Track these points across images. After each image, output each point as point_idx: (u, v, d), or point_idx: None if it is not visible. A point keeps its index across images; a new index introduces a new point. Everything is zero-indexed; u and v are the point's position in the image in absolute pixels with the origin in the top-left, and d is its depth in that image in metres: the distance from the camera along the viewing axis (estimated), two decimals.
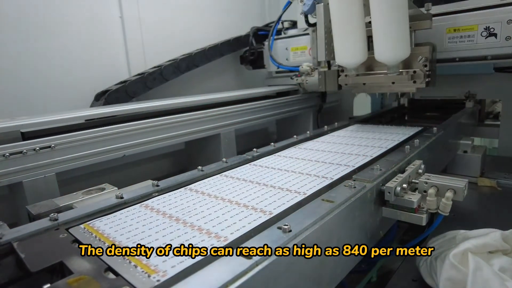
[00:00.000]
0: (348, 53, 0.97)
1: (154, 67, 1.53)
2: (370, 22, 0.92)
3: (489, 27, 1.07)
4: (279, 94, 1.60)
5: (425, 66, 0.93)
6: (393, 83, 0.98)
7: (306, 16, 1.29)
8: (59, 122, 0.92)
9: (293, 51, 1.69)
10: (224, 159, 0.77)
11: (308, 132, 1.03)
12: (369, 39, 0.97)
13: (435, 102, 1.70)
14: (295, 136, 0.98)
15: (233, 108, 1.35)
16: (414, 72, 0.95)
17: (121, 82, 1.42)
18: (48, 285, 0.35)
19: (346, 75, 1.07)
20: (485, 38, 1.08)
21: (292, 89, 1.63)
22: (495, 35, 1.06)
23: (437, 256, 0.62)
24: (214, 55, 1.73)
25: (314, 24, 1.21)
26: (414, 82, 0.94)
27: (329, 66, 1.18)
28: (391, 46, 0.89)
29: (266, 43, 1.78)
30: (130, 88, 1.38)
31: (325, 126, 1.11)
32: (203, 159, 1.39)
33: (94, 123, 0.99)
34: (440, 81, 1.48)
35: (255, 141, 1.92)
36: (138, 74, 1.47)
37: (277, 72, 1.78)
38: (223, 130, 1.32)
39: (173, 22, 1.71)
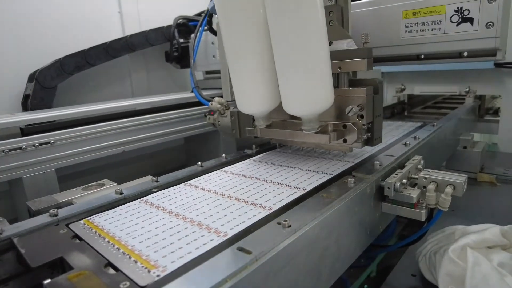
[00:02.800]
0: (248, 99, 0.64)
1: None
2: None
3: (461, 8, 0.75)
4: None
5: (361, 117, 0.61)
6: (311, 140, 0.68)
7: (210, 18, 1.02)
8: (59, 118, 0.92)
9: None
10: (223, 155, 0.77)
11: None
12: None
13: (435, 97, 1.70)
14: None
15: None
16: (344, 126, 0.63)
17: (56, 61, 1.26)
18: (49, 280, 0.35)
19: (254, 125, 0.72)
20: (457, 25, 0.75)
21: None
22: (470, 20, 0.74)
23: (436, 251, 0.63)
24: (119, 51, 1.42)
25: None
26: (345, 140, 0.63)
27: None
28: (298, 97, 0.57)
29: (193, 36, 1.27)
30: (64, 63, 1.25)
31: None
32: (202, 154, 1.39)
33: (93, 119, 0.98)
34: (439, 77, 1.49)
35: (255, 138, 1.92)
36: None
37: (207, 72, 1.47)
38: None
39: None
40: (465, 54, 0.79)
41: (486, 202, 0.98)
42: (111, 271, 0.37)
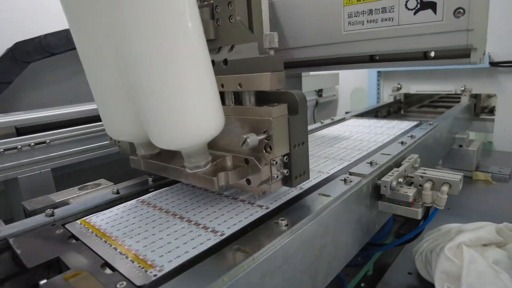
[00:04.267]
0: (112, 123, 0.50)
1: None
2: None
3: None
4: None
5: (268, 149, 0.44)
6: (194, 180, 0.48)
7: None
8: (54, 118, 0.92)
9: None
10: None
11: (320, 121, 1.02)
12: None
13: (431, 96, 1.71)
14: None
15: None
16: (247, 161, 0.45)
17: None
18: (45, 280, 0.35)
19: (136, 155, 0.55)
20: (414, 14, 0.53)
21: None
22: (432, 6, 0.52)
23: (432, 250, 0.63)
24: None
25: None
26: (248, 181, 0.46)
27: None
28: (165, 124, 0.40)
29: None
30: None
31: (321, 121, 1.11)
32: None
33: (89, 119, 0.98)
34: (434, 76, 1.50)
35: None
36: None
37: None
38: None
39: None
40: (432, 54, 0.56)
41: (481, 201, 0.99)
42: (108, 271, 0.37)
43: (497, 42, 1.28)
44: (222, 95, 0.46)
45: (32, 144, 0.83)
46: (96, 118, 0.99)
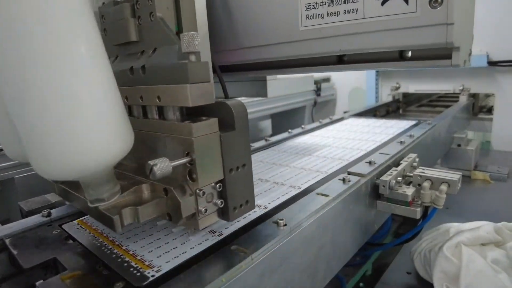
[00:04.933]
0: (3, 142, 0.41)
1: None
2: None
3: None
4: None
5: (192, 176, 0.35)
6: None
7: None
8: None
9: None
10: None
11: (302, 126, 1.03)
12: None
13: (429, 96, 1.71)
14: (289, 130, 0.98)
15: None
16: (165, 192, 0.36)
17: None
18: (42, 281, 0.35)
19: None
20: (382, 4, 0.44)
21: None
22: None
23: (431, 249, 0.63)
24: None
25: None
26: (169, 217, 0.37)
27: None
28: (50, 149, 0.30)
29: None
30: None
31: (320, 120, 1.11)
32: None
33: None
34: (433, 75, 1.50)
35: (250, 136, 1.92)
36: None
37: None
38: None
39: None
40: (409, 54, 0.47)
41: (480, 200, 0.99)
42: (105, 271, 0.36)
43: (495, 41, 1.29)
44: (144, 106, 0.39)
45: None
46: None
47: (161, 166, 0.32)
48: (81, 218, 0.49)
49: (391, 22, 0.44)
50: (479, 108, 1.54)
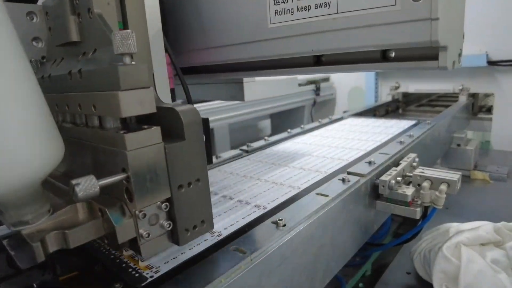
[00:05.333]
0: None
1: None
2: None
3: None
4: None
5: (131, 198, 0.30)
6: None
7: None
8: None
9: None
10: (217, 154, 0.76)
11: (302, 126, 1.03)
12: None
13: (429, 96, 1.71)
14: (288, 130, 0.98)
15: (226, 102, 1.34)
16: (101, 213, 0.31)
17: None
18: (40, 282, 0.34)
19: None
20: None
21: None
22: None
23: (430, 249, 0.63)
24: None
25: None
26: (108, 242, 0.32)
27: None
28: None
29: None
30: None
31: (319, 120, 1.11)
32: None
33: None
34: (432, 75, 1.50)
35: (249, 136, 1.92)
36: None
37: None
38: (217, 125, 1.31)
39: None
40: (392, 54, 0.42)
41: (479, 200, 0.99)
42: (104, 272, 0.36)
43: (495, 41, 1.28)
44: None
45: None
46: None
47: (85, 186, 0.26)
48: None
49: (368, 17, 0.38)
50: (479, 107, 1.54)
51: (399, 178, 0.58)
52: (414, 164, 0.66)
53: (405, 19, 0.36)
